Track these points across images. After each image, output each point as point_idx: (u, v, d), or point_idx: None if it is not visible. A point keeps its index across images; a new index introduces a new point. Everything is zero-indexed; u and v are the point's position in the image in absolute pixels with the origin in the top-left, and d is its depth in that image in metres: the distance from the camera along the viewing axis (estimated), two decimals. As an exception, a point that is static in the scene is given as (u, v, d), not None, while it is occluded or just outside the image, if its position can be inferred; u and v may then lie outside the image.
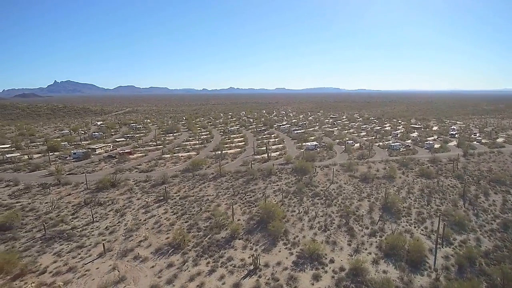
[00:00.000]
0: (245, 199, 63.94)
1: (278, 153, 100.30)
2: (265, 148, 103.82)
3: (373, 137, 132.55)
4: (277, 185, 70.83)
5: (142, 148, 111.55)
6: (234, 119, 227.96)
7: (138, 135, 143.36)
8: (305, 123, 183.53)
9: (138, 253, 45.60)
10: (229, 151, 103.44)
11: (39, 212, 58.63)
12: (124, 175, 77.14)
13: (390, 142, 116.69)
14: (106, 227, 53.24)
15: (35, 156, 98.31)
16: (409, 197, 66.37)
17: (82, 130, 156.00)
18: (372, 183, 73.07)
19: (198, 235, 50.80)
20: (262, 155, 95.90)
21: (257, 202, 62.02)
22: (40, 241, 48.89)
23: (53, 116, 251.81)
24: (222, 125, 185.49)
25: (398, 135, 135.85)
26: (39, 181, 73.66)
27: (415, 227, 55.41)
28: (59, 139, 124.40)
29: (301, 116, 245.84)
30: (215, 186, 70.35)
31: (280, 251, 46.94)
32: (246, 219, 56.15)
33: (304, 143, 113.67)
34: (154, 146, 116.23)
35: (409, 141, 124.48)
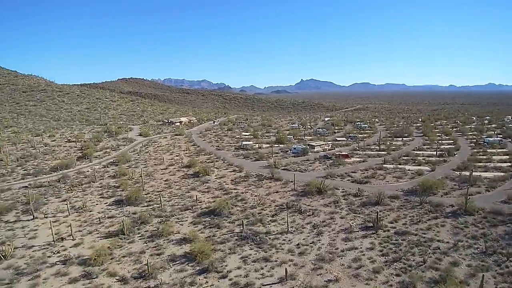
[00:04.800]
0: (508, 267, 37.50)
1: None
2: (555, 179, 63.93)
3: None
4: None
5: (361, 152, 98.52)
6: (493, 125, 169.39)
7: (361, 135, 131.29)
8: None
9: (322, 301, 33.83)
10: (483, 174, 71.09)
11: (246, 205, 58.99)
12: (333, 182, 67.52)
13: None
14: (298, 245, 44.92)
15: (264, 146, 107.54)
16: None
17: (309, 125, 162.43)
18: None
19: (413, 308, 32.58)
20: (548, 191, 58.66)
21: (538, 283, 34.55)
22: (236, 238, 47.17)
23: (293, 109, 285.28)
24: (474, 132, 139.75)
25: None
26: (257, 172, 77.04)
27: None
28: (287, 132, 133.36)
29: None
30: (454, 229, 46.85)
31: None
32: (511, 312, 31.48)
33: None
34: (376, 151, 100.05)
35: None
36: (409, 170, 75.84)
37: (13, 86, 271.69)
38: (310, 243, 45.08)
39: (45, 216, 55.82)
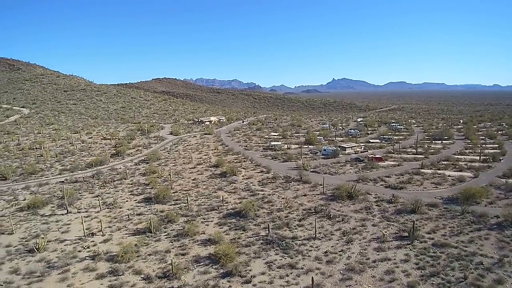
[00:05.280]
0: None
1: None
2: None
3: None
4: None
5: (396, 155, 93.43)
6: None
7: (396, 137, 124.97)
8: None
9: (351, 315, 31.66)
10: (534, 183, 64.72)
11: (273, 207, 57.52)
12: (365, 187, 64.29)
13: None
14: (326, 252, 42.78)
15: (293, 146, 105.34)
16: None
17: (340, 126, 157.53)
18: None
19: (453, 330, 29.57)
20: None
21: None
22: (261, 241, 45.89)
23: (324, 109, 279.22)
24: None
25: None
26: (285, 173, 75.28)
27: None
28: (317, 132, 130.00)
29: None
30: (499, 242, 42.51)
31: None
32: None
33: None
34: (413, 154, 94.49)
35: None
36: (449, 176, 70.65)
37: (55, 85, 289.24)
38: (339, 251, 42.77)
39: (78, 211, 57.83)
